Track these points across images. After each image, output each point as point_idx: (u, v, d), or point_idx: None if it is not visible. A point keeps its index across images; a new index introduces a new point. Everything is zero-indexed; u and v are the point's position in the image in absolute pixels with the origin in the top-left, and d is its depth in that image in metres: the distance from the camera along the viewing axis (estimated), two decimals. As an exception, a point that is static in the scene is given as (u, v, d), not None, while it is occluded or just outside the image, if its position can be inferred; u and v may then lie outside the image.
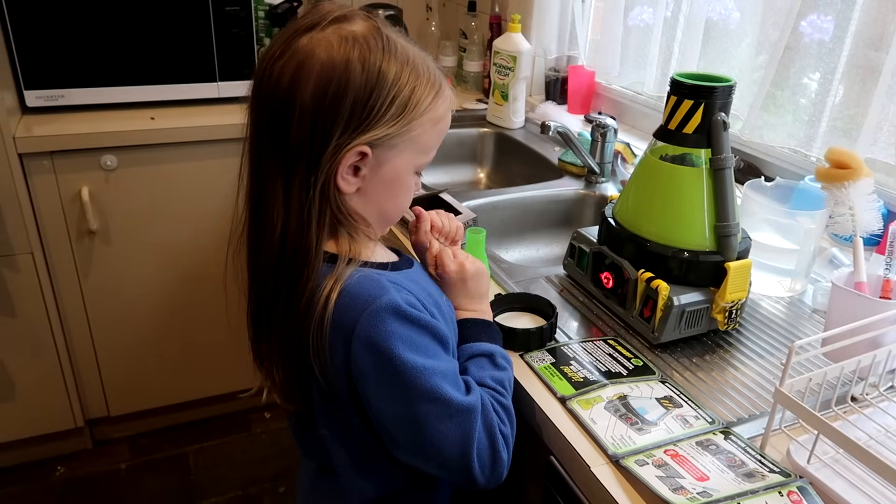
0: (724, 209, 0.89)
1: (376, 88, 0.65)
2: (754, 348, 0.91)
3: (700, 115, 0.88)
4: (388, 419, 0.69)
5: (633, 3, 1.60)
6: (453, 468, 0.69)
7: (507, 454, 0.71)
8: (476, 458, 0.68)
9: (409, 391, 0.66)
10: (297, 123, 0.65)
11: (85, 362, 1.81)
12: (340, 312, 0.67)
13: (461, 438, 0.68)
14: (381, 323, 0.66)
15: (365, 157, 0.68)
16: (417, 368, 0.66)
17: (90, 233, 1.66)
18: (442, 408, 0.67)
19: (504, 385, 0.75)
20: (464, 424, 0.68)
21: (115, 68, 1.67)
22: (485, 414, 0.70)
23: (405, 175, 0.73)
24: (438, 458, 0.68)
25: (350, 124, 0.65)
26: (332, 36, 0.66)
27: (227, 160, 1.73)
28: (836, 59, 1.16)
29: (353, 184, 0.69)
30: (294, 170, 0.67)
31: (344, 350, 0.67)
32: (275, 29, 1.90)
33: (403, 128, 0.68)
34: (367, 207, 0.72)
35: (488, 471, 0.70)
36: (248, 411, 2.10)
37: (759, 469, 0.69)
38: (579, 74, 1.76)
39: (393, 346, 0.66)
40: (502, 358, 0.78)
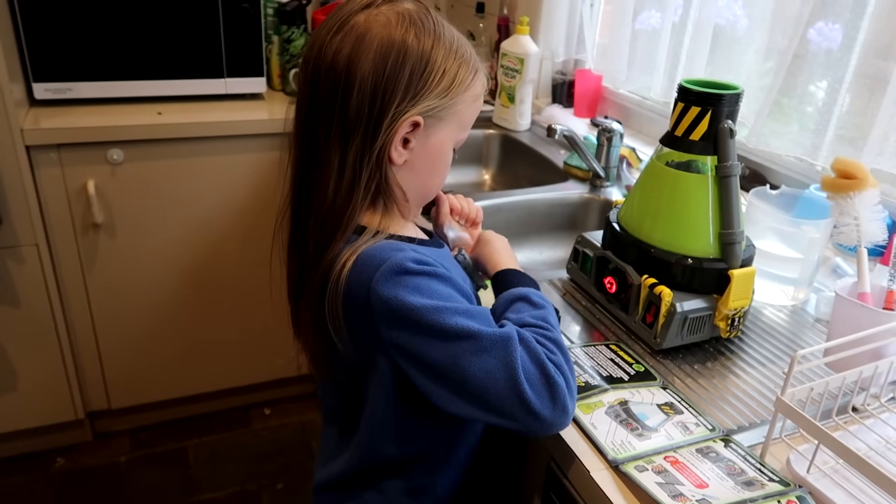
0: (728, 216, 0.89)
1: (430, 63, 0.71)
2: (756, 356, 0.91)
3: (707, 122, 0.88)
4: (431, 373, 0.68)
5: (641, 7, 1.60)
6: (508, 404, 0.66)
7: (563, 381, 0.68)
8: (528, 388, 0.66)
9: (435, 335, 0.67)
10: (357, 93, 0.69)
11: (87, 355, 1.81)
12: (354, 278, 0.69)
13: (504, 369, 0.66)
14: (387, 281, 0.68)
15: (417, 127, 0.72)
16: (436, 310, 0.67)
17: (95, 226, 1.67)
18: (473, 343, 0.66)
19: (547, 321, 0.74)
20: (502, 355, 0.66)
21: (124, 62, 1.68)
22: (526, 344, 0.68)
23: (447, 149, 0.77)
24: (489, 396, 0.66)
25: (407, 94, 0.70)
26: (388, 13, 0.71)
27: (233, 156, 1.74)
28: (843, 68, 1.16)
29: (402, 155, 0.73)
30: (351, 138, 0.70)
31: (367, 315, 0.69)
32: (283, 26, 1.90)
33: (451, 101, 0.73)
34: (411, 180, 0.76)
35: (548, 401, 0.66)
36: (248, 407, 2.11)
37: (759, 477, 0.69)
38: (586, 78, 1.76)
39: (404, 297, 0.67)
40: (538, 297, 0.78)
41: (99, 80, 1.67)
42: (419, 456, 0.81)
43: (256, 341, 1.98)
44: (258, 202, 1.81)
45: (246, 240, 1.84)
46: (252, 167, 1.77)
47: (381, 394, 0.75)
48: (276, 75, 1.97)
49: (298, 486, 1.84)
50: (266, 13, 1.89)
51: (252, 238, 1.83)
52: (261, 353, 2.00)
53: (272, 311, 1.93)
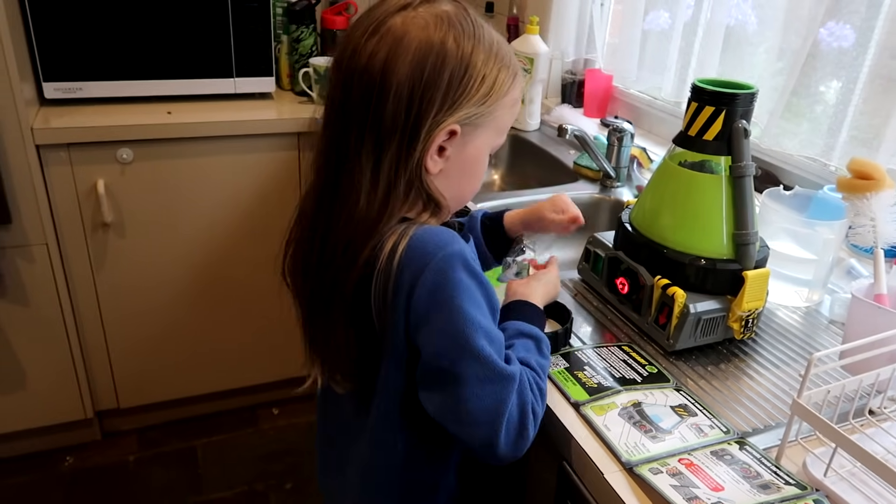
0: (742, 217, 0.88)
1: (469, 68, 0.68)
2: (770, 358, 0.91)
3: (721, 122, 0.88)
4: (431, 370, 0.69)
5: (651, 6, 1.59)
6: (479, 433, 0.68)
7: (532, 433, 0.70)
8: (504, 429, 0.68)
9: (459, 343, 0.66)
10: (393, 100, 0.66)
11: (96, 354, 1.82)
12: (410, 258, 0.67)
13: (495, 405, 0.67)
14: (450, 270, 0.67)
15: (454, 135, 0.70)
16: (473, 322, 0.67)
17: (104, 225, 1.67)
18: (484, 370, 0.67)
19: (545, 371, 0.76)
20: (500, 392, 0.67)
21: (133, 62, 1.68)
22: (521, 388, 0.69)
23: (483, 155, 0.75)
24: (468, 419, 0.67)
25: (445, 102, 0.67)
26: (426, 15, 0.68)
27: (242, 156, 1.74)
28: (858, 68, 1.15)
29: (438, 164, 0.71)
30: (385, 146, 0.68)
31: (406, 297, 0.67)
32: (292, 26, 1.90)
33: (489, 107, 0.70)
34: (447, 188, 0.74)
35: (511, 444, 0.69)
36: (256, 407, 2.11)
37: (775, 481, 0.68)
38: (596, 78, 1.75)
39: (456, 293, 0.66)
40: (547, 347, 0.79)
41: (108, 80, 1.68)
42: (428, 447, 0.79)
43: (265, 341, 1.98)
44: (267, 202, 1.81)
45: (255, 239, 1.84)
46: (261, 167, 1.77)
47: (396, 384, 0.74)
48: (285, 75, 1.97)
49: (306, 487, 1.84)
50: (275, 13, 1.90)
51: (261, 237, 1.83)
52: (269, 352, 2.00)
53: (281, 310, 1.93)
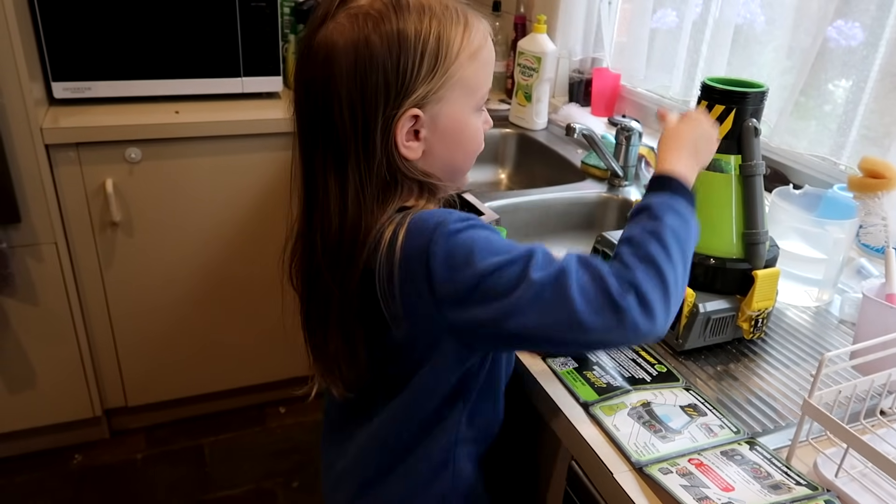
0: (752, 216, 0.88)
1: (402, 51, 0.65)
2: (780, 358, 0.90)
3: (731, 120, 0.87)
4: (495, 323, 0.63)
5: (659, 5, 1.58)
6: (569, 337, 0.62)
7: (634, 300, 0.60)
8: (588, 315, 0.60)
9: (500, 278, 0.62)
10: (338, 113, 0.66)
11: (104, 352, 1.82)
12: (410, 246, 0.65)
13: (561, 302, 0.61)
14: (453, 235, 0.64)
15: (418, 118, 0.68)
16: (492, 257, 0.63)
17: (113, 224, 1.68)
18: (529, 289, 0.61)
19: (654, 233, 0.65)
20: (557, 289, 0.61)
21: (142, 62, 1.69)
22: (586, 268, 0.62)
23: (465, 119, 0.72)
24: (552, 332, 0.62)
25: (389, 95, 0.65)
26: (343, 20, 0.66)
27: (250, 155, 1.74)
28: (868, 67, 1.14)
29: (416, 149, 0.69)
30: (347, 156, 0.67)
31: (426, 282, 0.63)
32: (300, 25, 1.90)
33: (442, 77, 0.67)
34: (437, 165, 0.72)
35: (613, 322, 0.60)
36: (264, 405, 2.11)
37: (786, 481, 0.68)
38: (604, 77, 1.75)
39: (472, 249, 0.63)
40: (660, 208, 0.68)
41: (117, 80, 1.68)
42: (442, 429, 0.79)
43: (272, 339, 1.98)
44: (275, 201, 1.81)
45: (262, 238, 1.84)
46: (269, 166, 1.77)
47: (424, 370, 0.73)
48: (292, 74, 1.97)
49: (313, 485, 1.84)
50: (283, 12, 1.90)
51: (268, 236, 1.84)
52: (276, 351, 2.00)
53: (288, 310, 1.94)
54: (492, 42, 0.73)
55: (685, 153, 0.76)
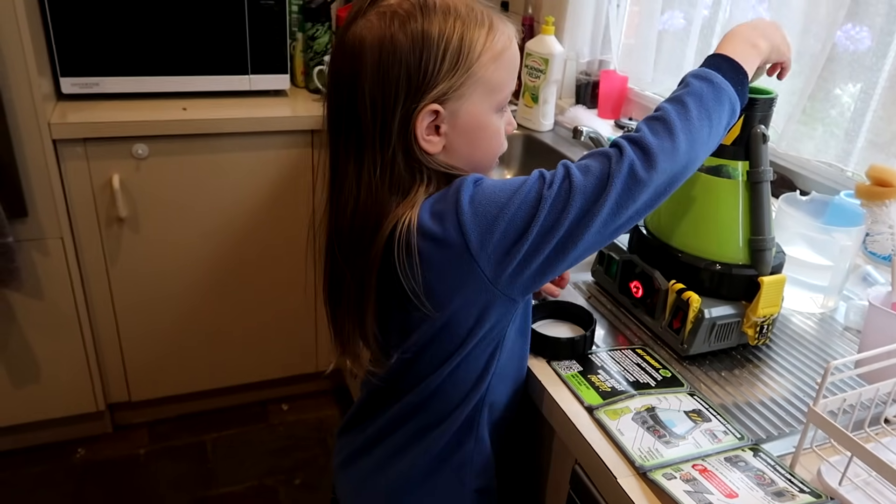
0: (759, 223, 0.88)
1: (424, 49, 0.68)
2: (785, 364, 0.90)
3: (739, 126, 0.87)
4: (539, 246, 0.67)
5: (668, 7, 1.58)
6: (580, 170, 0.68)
7: (627, 145, 0.67)
8: (584, 164, 0.68)
9: (526, 206, 0.67)
10: (362, 105, 0.70)
11: (109, 347, 1.83)
12: (429, 218, 0.69)
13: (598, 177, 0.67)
14: (474, 186, 0.69)
15: (438, 114, 0.70)
16: (509, 182, 0.68)
17: (119, 220, 1.68)
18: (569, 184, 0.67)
19: (667, 101, 0.72)
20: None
21: (150, 58, 1.69)
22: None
23: (485, 118, 0.74)
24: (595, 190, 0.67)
25: (410, 90, 0.69)
26: (372, 17, 0.70)
27: (257, 153, 1.75)
28: (877, 73, 1.14)
29: (437, 143, 0.72)
30: (364, 148, 0.71)
31: (460, 239, 0.67)
32: (307, 24, 1.90)
33: (464, 75, 0.70)
34: (458, 159, 0.74)
35: (608, 164, 0.67)
36: (266, 402, 2.12)
37: (789, 488, 0.68)
38: (611, 79, 1.75)
39: (496, 197, 0.68)
40: (692, 76, 0.74)
41: (125, 76, 1.69)
42: (476, 392, 0.80)
43: (275, 337, 1.99)
44: (280, 199, 1.81)
45: (268, 236, 1.84)
46: (275, 164, 1.78)
47: (445, 347, 0.76)
48: (299, 72, 1.98)
49: (315, 481, 1.85)
50: (291, 10, 1.90)
51: (274, 235, 1.84)
52: (279, 348, 2.01)
53: (292, 307, 1.95)
54: (517, 46, 0.75)
55: (738, 39, 0.78)
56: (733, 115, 0.75)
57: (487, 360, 0.78)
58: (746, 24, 0.80)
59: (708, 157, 0.87)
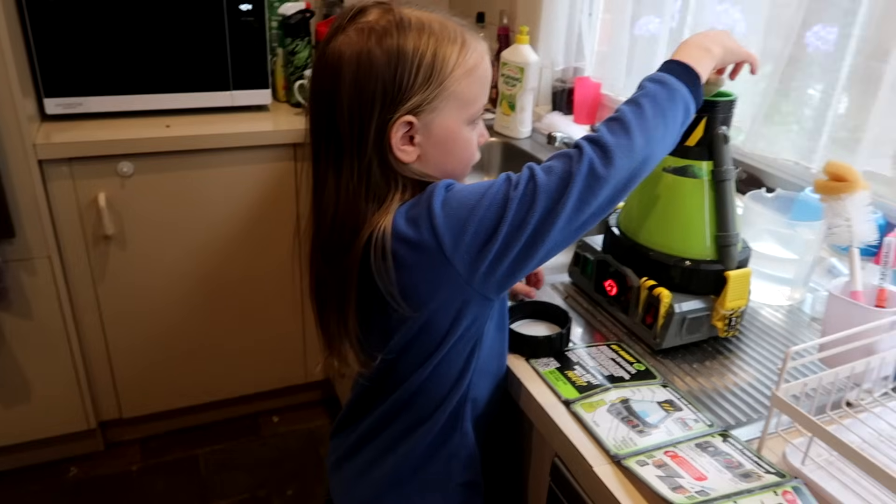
0: (724, 219, 0.92)
1: (399, 64, 0.72)
2: (754, 355, 0.94)
3: (702, 128, 0.91)
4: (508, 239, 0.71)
5: (639, 14, 1.63)
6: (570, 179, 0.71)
7: (588, 145, 0.72)
8: (548, 165, 0.73)
9: (495, 205, 0.71)
10: (340, 116, 0.74)
11: (98, 365, 1.84)
12: (403, 225, 0.73)
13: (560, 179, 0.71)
14: (444, 190, 0.73)
15: (412, 125, 0.74)
16: (485, 188, 0.72)
17: (106, 238, 1.70)
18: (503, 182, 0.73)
19: (624, 104, 0.76)
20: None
21: (132, 77, 1.72)
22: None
23: (458, 130, 0.78)
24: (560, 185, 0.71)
25: (385, 102, 0.72)
26: (351, 33, 0.74)
27: (240, 168, 1.77)
28: (837, 71, 1.18)
29: (411, 153, 0.75)
30: (342, 157, 0.75)
31: (437, 248, 0.71)
32: (287, 39, 1.94)
33: (437, 89, 0.74)
34: (433, 169, 0.78)
35: (569, 164, 0.72)
36: (258, 415, 2.14)
37: (756, 470, 0.71)
38: (586, 85, 1.79)
39: (467, 199, 0.72)
40: (647, 80, 0.78)
41: (108, 95, 1.71)
42: (458, 388, 0.83)
43: (265, 350, 2.01)
44: (265, 212, 1.84)
45: (254, 250, 1.87)
46: (258, 177, 1.80)
47: (428, 344, 0.79)
48: (280, 87, 2.01)
49: (307, 492, 1.86)
50: (270, 26, 1.93)
51: (260, 248, 1.87)
52: (269, 361, 2.03)
53: (281, 319, 1.97)
54: (489, 62, 0.79)
55: (691, 46, 0.82)
56: (688, 114, 0.78)
57: (467, 358, 0.81)
58: (700, 34, 0.84)
59: (669, 155, 0.91)
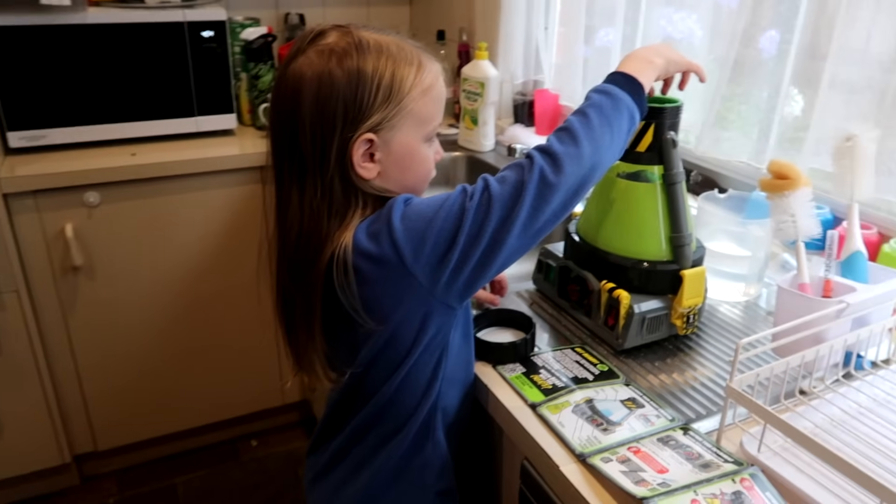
0: (677, 221, 0.95)
1: (359, 84, 0.75)
2: (712, 350, 0.97)
3: (651, 134, 0.95)
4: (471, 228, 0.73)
5: (592, 26, 1.67)
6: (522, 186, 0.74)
7: (538, 154, 0.75)
8: (501, 176, 0.75)
9: (451, 217, 0.73)
10: (302, 135, 0.76)
11: (71, 398, 1.82)
12: (364, 239, 0.76)
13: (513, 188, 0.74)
14: (403, 205, 0.76)
15: (372, 142, 0.77)
16: (441, 201, 0.75)
17: (74, 269, 1.69)
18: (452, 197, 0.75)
19: (572, 115, 0.79)
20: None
21: (95, 107, 1.72)
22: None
23: (416, 146, 0.81)
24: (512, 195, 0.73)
25: (346, 121, 0.75)
26: (312, 55, 0.77)
27: (208, 193, 1.78)
28: (781, 74, 1.23)
29: (372, 169, 0.78)
30: (307, 172, 0.77)
31: (397, 259, 0.73)
32: (250, 63, 1.95)
33: (396, 107, 0.77)
34: (392, 184, 0.81)
35: (521, 173, 0.74)
36: (236, 440, 2.12)
37: (715, 460, 0.74)
38: (545, 97, 1.83)
39: (423, 213, 0.75)
40: (593, 92, 0.81)
41: (72, 126, 1.71)
42: (428, 397, 0.85)
43: (239, 373, 2.00)
44: (235, 236, 1.85)
45: (225, 274, 1.87)
46: (227, 201, 1.81)
47: (394, 359, 0.81)
48: (245, 111, 2.02)
49: (289, 514, 1.86)
50: (233, 51, 1.95)
51: (231, 272, 1.87)
52: (245, 385, 2.02)
53: (254, 342, 1.96)
54: (443, 82, 0.83)
55: (634, 58, 0.86)
56: (633, 122, 0.82)
57: (435, 367, 0.83)
58: (643, 47, 0.89)
59: (621, 161, 0.94)
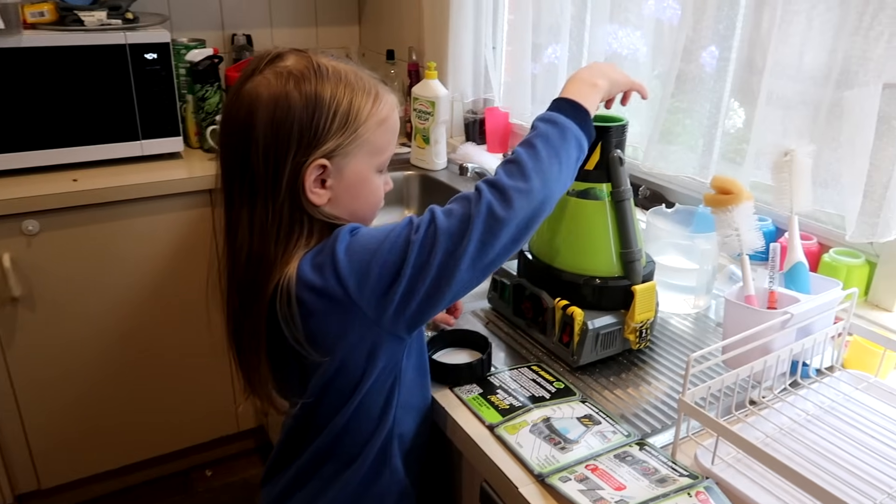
0: (626, 237, 0.97)
1: (316, 109, 0.74)
2: (666, 363, 0.99)
3: (598, 153, 0.96)
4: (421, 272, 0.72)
5: (540, 45, 1.70)
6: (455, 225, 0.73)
7: (486, 188, 0.74)
8: (448, 209, 0.75)
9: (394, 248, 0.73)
10: (255, 156, 0.74)
11: (12, 434, 1.74)
12: (309, 271, 0.74)
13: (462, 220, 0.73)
14: (347, 236, 0.75)
15: (325, 168, 0.76)
16: (384, 233, 0.74)
17: (13, 300, 1.62)
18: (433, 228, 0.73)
19: (519, 146, 0.77)
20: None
21: (35, 132, 1.66)
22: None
23: (367, 175, 0.81)
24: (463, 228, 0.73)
25: (301, 145, 0.74)
26: (269, 75, 0.76)
27: (154, 217, 1.74)
28: (721, 89, 1.26)
29: (323, 195, 0.77)
30: (259, 193, 0.75)
31: (342, 292, 0.73)
32: (196, 85, 1.92)
33: (351, 135, 0.76)
34: (342, 212, 0.80)
35: (468, 206, 0.73)
36: (189, 470, 2.06)
37: (671, 474, 0.75)
38: (495, 115, 1.85)
39: (365, 243, 0.74)
40: (538, 121, 0.80)
41: (9, 152, 1.65)
42: (383, 426, 0.84)
43: (191, 401, 1.94)
44: (183, 259, 1.80)
45: (173, 300, 1.82)
46: (175, 226, 1.77)
47: (344, 386, 0.80)
48: (192, 133, 1.98)
49: (247, 546, 1.80)
50: (178, 73, 1.91)
51: (179, 298, 1.82)
52: (197, 412, 1.97)
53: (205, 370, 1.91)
54: (398, 114, 0.83)
55: (577, 82, 0.85)
56: (581, 150, 0.81)
57: (388, 395, 0.82)
58: (585, 68, 0.89)
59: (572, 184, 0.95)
